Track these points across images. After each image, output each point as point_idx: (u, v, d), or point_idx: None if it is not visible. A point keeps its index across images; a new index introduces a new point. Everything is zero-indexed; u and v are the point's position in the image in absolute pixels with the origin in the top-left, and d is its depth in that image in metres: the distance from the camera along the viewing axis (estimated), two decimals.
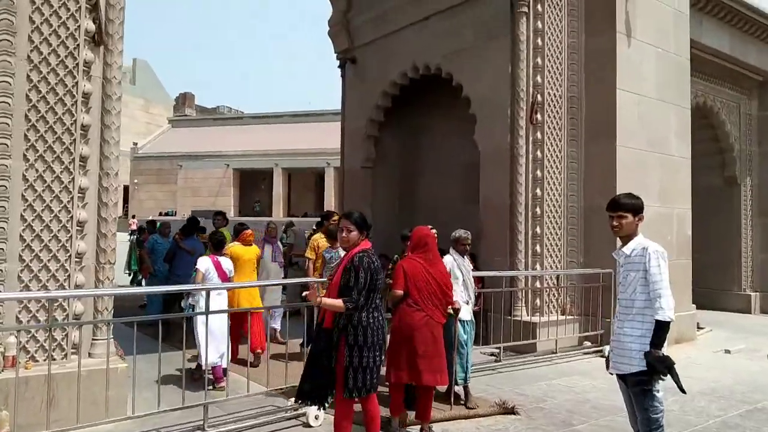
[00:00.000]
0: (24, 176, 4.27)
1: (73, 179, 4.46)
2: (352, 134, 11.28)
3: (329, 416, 4.31)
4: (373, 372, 3.78)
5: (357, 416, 3.91)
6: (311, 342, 4.03)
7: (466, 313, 5.50)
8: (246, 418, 4.70)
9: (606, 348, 7.53)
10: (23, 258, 4.26)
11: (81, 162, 4.52)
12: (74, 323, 4.43)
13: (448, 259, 5.46)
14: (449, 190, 10.30)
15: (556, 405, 5.50)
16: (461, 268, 5.51)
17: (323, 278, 5.41)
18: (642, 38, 8.30)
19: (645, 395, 3.29)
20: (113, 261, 4.70)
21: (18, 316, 4.23)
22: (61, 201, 4.41)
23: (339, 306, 3.68)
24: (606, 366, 3.61)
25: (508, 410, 5.16)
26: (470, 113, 8.69)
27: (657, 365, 3.20)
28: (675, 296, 3.34)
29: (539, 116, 8.00)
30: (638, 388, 3.32)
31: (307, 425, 4.65)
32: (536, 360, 7.24)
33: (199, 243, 8.87)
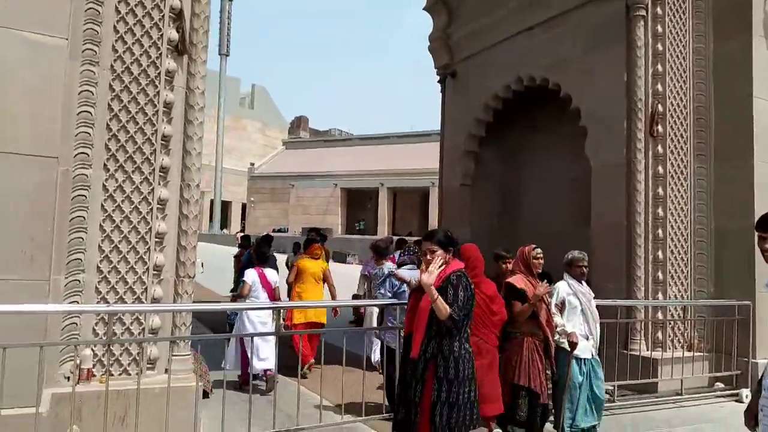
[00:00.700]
0: (104, 186, 4.22)
1: (153, 190, 4.36)
2: (451, 151, 10.77)
3: None
4: (466, 409, 3.30)
5: None
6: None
7: (585, 350, 4.78)
8: None
9: (744, 392, 6.54)
10: (101, 269, 4.20)
11: (161, 173, 4.43)
12: (149, 338, 4.31)
13: (562, 286, 4.83)
14: (555, 209, 9.48)
15: None
16: (578, 296, 4.83)
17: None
18: None
19: None
20: (192, 275, 4.55)
21: (95, 329, 4.17)
22: (140, 212, 4.32)
23: (443, 310, 3.20)
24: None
25: None
26: (580, 125, 7.94)
27: None
28: None
29: (660, 128, 7.10)
30: None
31: None
32: (658, 401, 6.30)
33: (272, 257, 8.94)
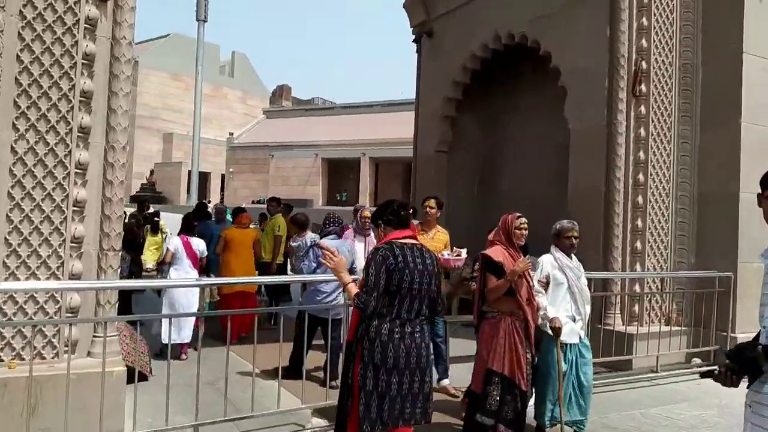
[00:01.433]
0: (12, 148, 3.70)
1: (71, 152, 3.84)
2: (427, 116, 10.28)
3: None
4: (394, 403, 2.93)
5: None
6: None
7: (572, 335, 4.24)
8: None
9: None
10: (9, 242, 3.70)
11: (81, 133, 3.90)
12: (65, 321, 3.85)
13: (547, 259, 4.29)
14: (538, 176, 9.08)
15: None
16: (564, 271, 4.27)
17: None
18: None
19: None
20: (117, 247, 4.07)
21: (3, 308, 3.69)
22: (56, 177, 3.80)
23: (350, 295, 3.01)
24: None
25: None
26: (560, 86, 7.48)
27: None
28: None
29: (643, 87, 6.67)
30: None
31: None
32: (631, 380, 5.99)
33: (213, 226, 8.55)
